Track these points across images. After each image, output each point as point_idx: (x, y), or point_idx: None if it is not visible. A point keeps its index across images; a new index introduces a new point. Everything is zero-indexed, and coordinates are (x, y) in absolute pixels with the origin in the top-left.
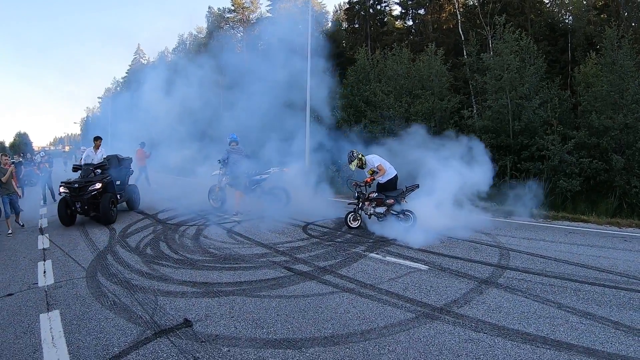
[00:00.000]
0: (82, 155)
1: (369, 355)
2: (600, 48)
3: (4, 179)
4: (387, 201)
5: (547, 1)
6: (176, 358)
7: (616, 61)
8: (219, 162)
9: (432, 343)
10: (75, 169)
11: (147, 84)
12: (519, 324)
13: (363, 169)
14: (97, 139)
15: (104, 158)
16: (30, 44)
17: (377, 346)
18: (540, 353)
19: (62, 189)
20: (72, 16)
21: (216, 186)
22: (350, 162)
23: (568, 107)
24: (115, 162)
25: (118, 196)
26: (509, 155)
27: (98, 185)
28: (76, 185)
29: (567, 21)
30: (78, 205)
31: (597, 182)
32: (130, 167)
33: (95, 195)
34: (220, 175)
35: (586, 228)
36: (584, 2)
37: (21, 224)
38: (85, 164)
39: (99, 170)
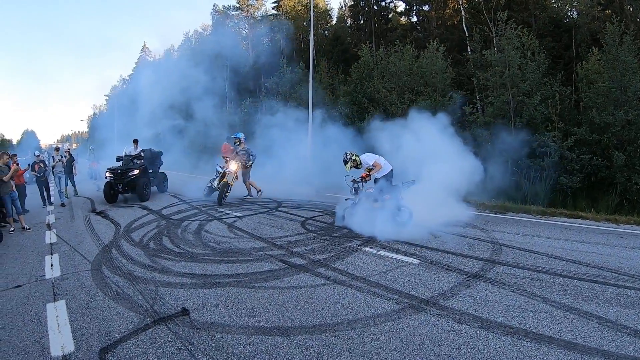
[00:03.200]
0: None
1: (353, 343)
2: (603, 44)
3: (5, 178)
4: (384, 197)
5: None
6: (173, 343)
7: (618, 57)
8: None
9: (415, 333)
10: (119, 159)
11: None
12: (503, 317)
13: (359, 169)
14: (135, 141)
15: (140, 151)
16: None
17: (362, 335)
18: (520, 345)
19: (107, 174)
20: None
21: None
22: (345, 163)
23: (570, 103)
24: (148, 154)
25: (150, 181)
26: (510, 151)
27: (136, 172)
28: (119, 171)
29: (572, 16)
30: (120, 186)
31: (598, 178)
32: (160, 158)
33: (133, 179)
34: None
35: (583, 224)
36: None
37: (27, 227)
38: (126, 155)
39: (137, 160)
